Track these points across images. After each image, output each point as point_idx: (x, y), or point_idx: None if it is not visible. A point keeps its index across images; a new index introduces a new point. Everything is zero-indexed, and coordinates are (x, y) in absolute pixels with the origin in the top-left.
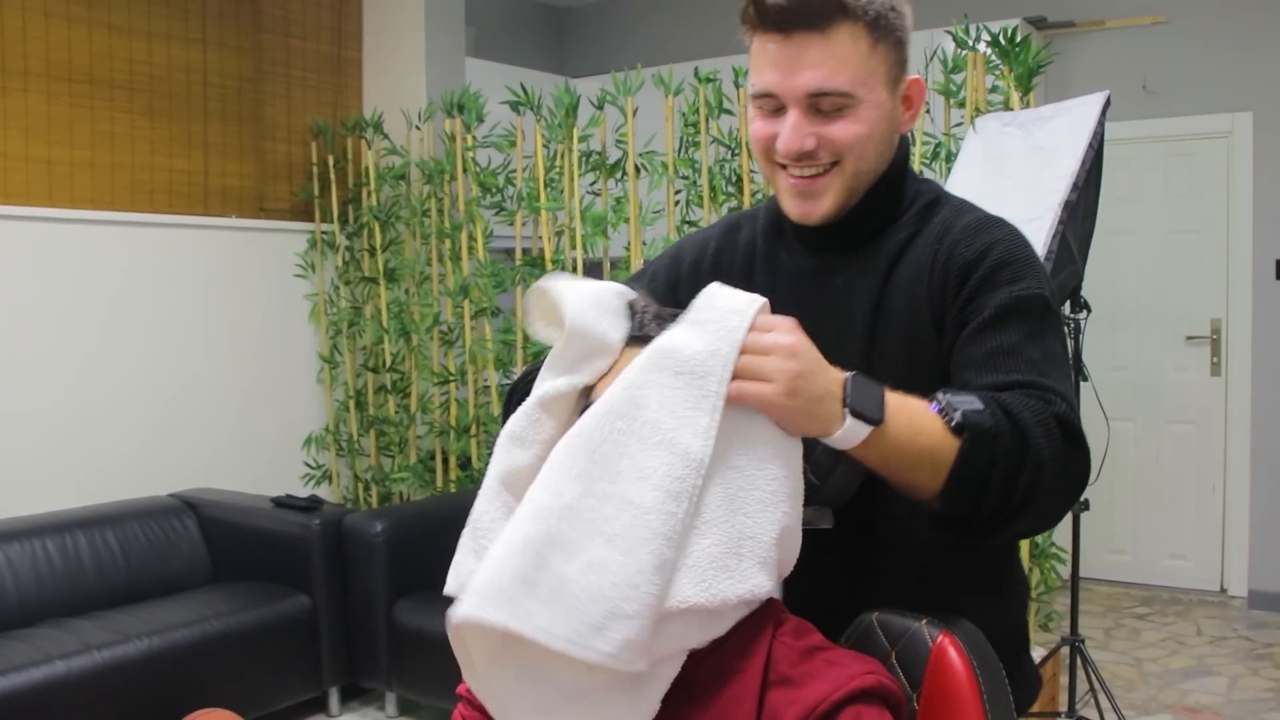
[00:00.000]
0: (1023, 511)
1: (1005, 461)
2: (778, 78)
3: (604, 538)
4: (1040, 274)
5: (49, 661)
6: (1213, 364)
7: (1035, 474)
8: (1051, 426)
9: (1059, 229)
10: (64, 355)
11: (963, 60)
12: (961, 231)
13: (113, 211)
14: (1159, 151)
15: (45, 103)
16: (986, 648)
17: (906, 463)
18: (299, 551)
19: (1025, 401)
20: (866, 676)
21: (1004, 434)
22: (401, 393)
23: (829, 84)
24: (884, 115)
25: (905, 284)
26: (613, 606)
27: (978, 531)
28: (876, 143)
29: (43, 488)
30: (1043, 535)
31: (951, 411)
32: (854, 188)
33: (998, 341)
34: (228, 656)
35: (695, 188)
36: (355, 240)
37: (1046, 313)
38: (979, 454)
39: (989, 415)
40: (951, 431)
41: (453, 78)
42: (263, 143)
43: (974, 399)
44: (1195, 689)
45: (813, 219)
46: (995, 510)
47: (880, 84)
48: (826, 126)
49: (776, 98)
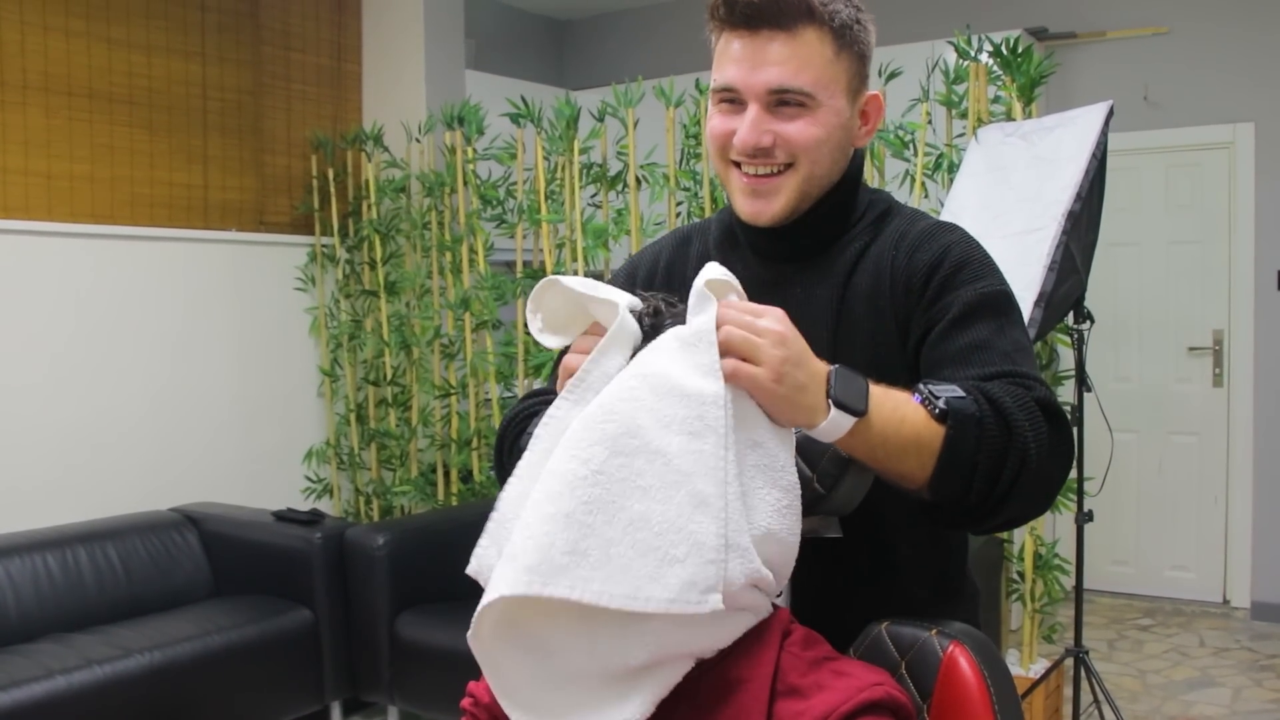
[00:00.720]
0: (1011, 496)
1: (991, 446)
2: (741, 73)
3: (639, 492)
4: (997, 272)
5: (50, 677)
6: (1215, 375)
7: (1021, 457)
8: (1034, 410)
9: (1062, 239)
10: (64, 370)
11: (965, 71)
12: (917, 237)
13: (113, 225)
14: (1160, 162)
15: (44, 116)
16: (997, 656)
17: (893, 452)
18: (300, 565)
19: (1006, 388)
20: (875, 688)
21: (988, 419)
22: (402, 406)
23: (791, 82)
24: (841, 123)
25: (864, 292)
26: (661, 555)
27: (967, 518)
28: (831, 149)
29: (43, 502)
30: (1046, 547)
31: (934, 400)
32: (807, 191)
33: (969, 338)
34: (229, 671)
35: (696, 199)
36: (355, 253)
37: (1010, 307)
38: (965, 439)
39: (972, 402)
40: (935, 419)
41: (453, 90)
42: (262, 156)
43: (955, 388)
44: (1199, 700)
45: (764, 219)
46: (984, 496)
47: (840, 91)
48: (784, 125)
49: (737, 92)
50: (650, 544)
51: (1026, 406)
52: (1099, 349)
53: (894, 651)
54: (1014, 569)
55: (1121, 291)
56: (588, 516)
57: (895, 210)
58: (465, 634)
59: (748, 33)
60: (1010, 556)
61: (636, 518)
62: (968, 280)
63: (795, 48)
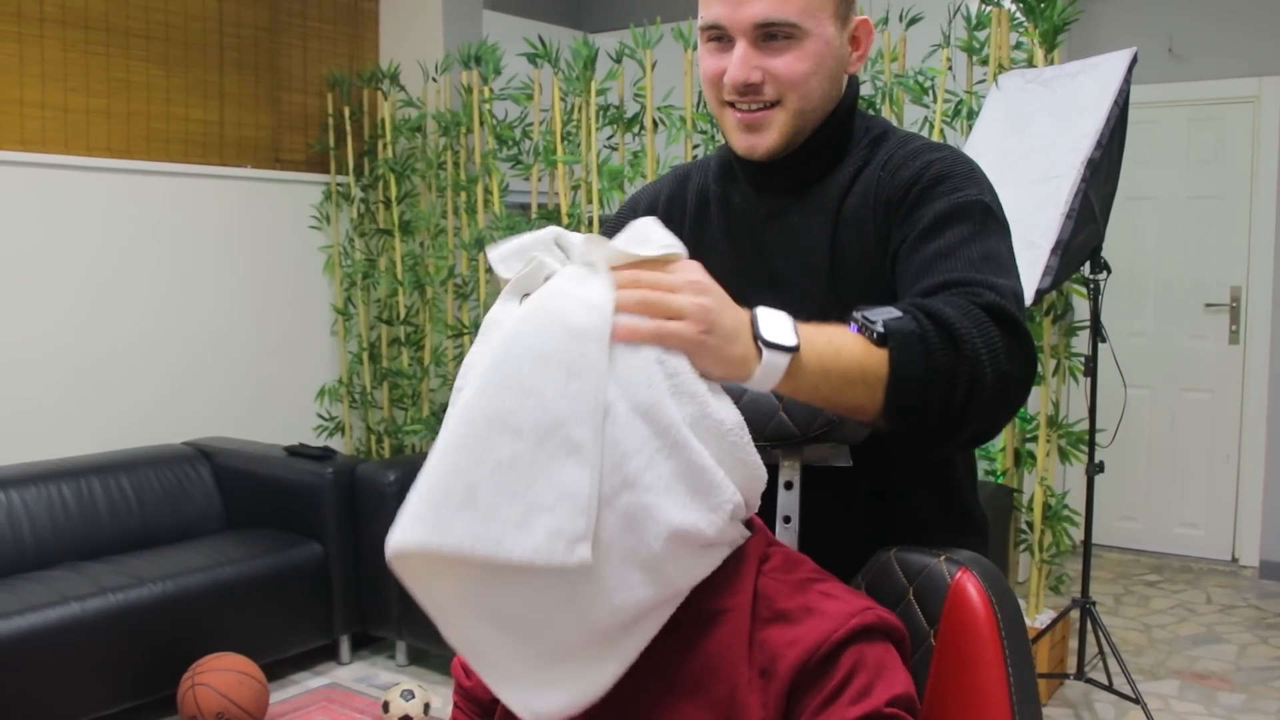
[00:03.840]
0: (969, 411)
1: (939, 362)
2: (726, 10)
3: (510, 432)
4: (983, 186)
5: (65, 602)
6: (1231, 332)
7: (973, 369)
8: (981, 318)
9: (1082, 186)
10: (80, 303)
11: (987, 17)
12: (904, 156)
13: (129, 160)
14: (1182, 116)
15: (62, 50)
16: (1004, 583)
17: (837, 385)
18: (312, 500)
19: (948, 299)
20: (867, 613)
21: (930, 335)
22: (415, 345)
23: (776, 14)
24: (831, 51)
25: (853, 216)
26: (529, 502)
27: (930, 440)
28: (822, 80)
29: (59, 434)
30: (1056, 498)
31: (870, 325)
32: (800, 125)
33: (934, 247)
34: (240, 602)
35: (713, 142)
36: (370, 192)
37: (988, 217)
38: (909, 359)
39: (910, 320)
40: (876, 344)
41: (470, 30)
42: (278, 93)
43: (891, 309)
44: (1204, 656)
45: (759, 152)
46: (941, 414)
47: (828, 18)
48: (773, 60)
49: (724, 29)
50: (517, 489)
51: (972, 315)
52: (1114, 303)
53: (902, 577)
54: (1023, 519)
55: (1139, 246)
56: (455, 456)
57: (890, 134)
58: None
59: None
60: (1019, 506)
61: (504, 460)
62: (945, 192)
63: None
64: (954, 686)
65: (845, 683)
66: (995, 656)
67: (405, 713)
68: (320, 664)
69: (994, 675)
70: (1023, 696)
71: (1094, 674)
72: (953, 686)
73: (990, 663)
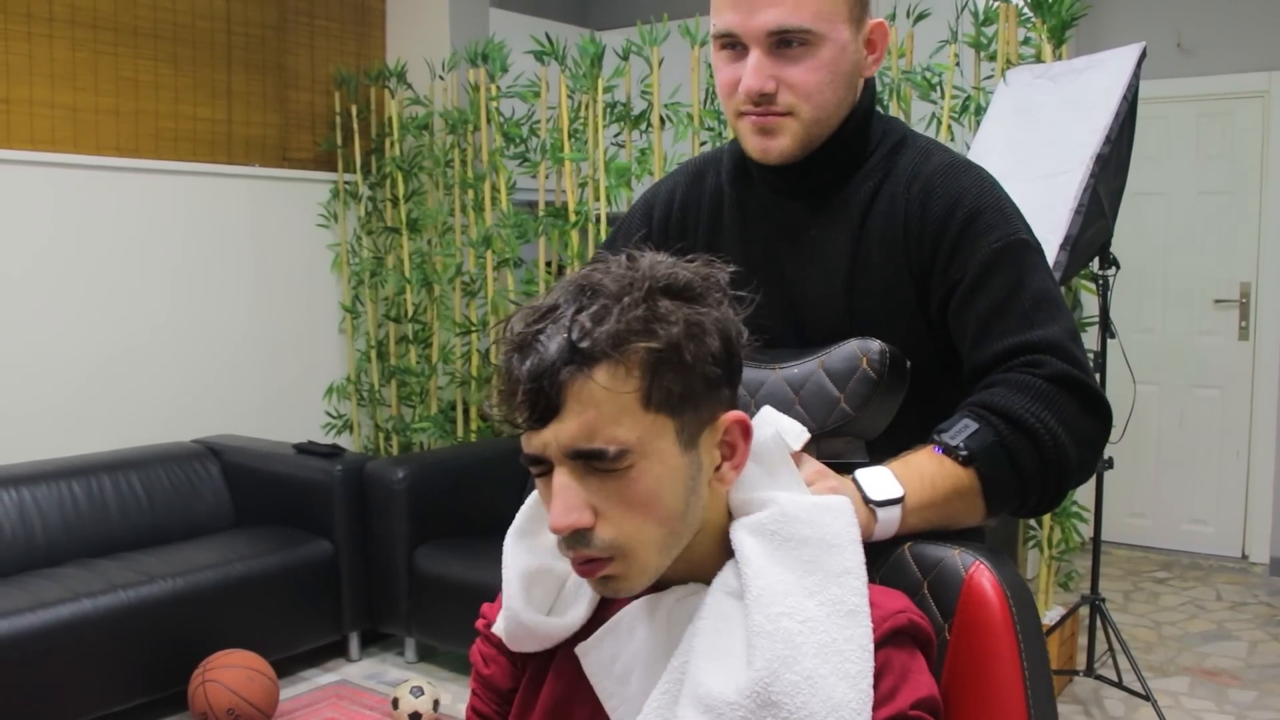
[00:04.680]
0: (1065, 485)
1: (1026, 462)
2: (738, 17)
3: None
4: (1011, 215)
5: (76, 599)
6: (1241, 328)
7: (1056, 450)
8: (1049, 393)
9: (1090, 182)
10: (89, 302)
11: (994, 12)
12: (929, 179)
13: (137, 159)
14: (1191, 111)
15: (70, 49)
16: (1018, 577)
17: (941, 512)
18: (321, 497)
19: (1014, 385)
20: (899, 616)
21: (1009, 440)
22: (423, 343)
23: (790, 20)
24: (846, 56)
25: (878, 236)
26: None
27: (1040, 511)
28: (837, 88)
29: (69, 432)
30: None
31: (955, 451)
32: (814, 133)
33: (986, 303)
34: (250, 599)
35: (721, 139)
36: (378, 190)
37: (1026, 254)
38: (998, 473)
39: (988, 432)
40: (963, 465)
41: (477, 28)
42: (286, 92)
43: (965, 422)
44: (1214, 653)
45: (772, 156)
46: (1040, 497)
47: (842, 21)
48: (787, 69)
49: (737, 37)
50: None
51: (1042, 395)
52: (1123, 299)
53: (916, 571)
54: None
55: (1147, 242)
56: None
57: (909, 142)
58: (481, 568)
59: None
60: None
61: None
62: (981, 232)
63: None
64: (968, 680)
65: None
66: (1010, 650)
67: (414, 709)
68: (329, 661)
69: (1009, 669)
70: (1037, 690)
71: (1104, 670)
72: (967, 680)
73: (1005, 656)
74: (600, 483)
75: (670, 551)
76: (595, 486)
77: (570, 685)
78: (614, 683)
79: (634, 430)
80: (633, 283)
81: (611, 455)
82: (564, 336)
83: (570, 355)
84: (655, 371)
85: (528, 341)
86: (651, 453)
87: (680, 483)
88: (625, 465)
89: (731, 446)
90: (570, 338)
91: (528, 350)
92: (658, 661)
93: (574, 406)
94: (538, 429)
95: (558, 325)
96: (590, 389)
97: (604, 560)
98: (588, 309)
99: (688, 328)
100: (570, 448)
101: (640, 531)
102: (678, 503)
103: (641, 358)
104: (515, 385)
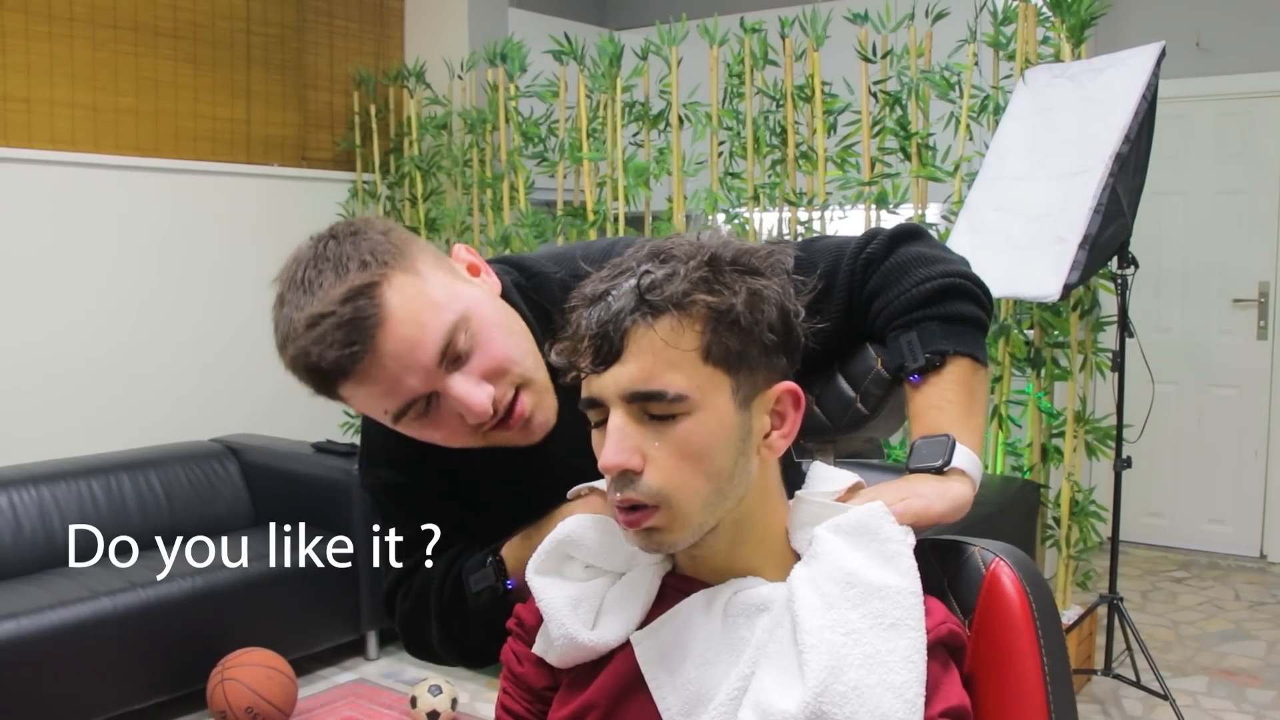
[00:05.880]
0: (969, 275)
1: (952, 308)
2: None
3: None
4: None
5: (95, 598)
6: (1259, 328)
7: (957, 270)
8: (886, 252)
9: (1109, 181)
10: (109, 301)
11: (1013, 11)
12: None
13: (157, 158)
14: (1211, 110)
15: (90, 49)
16: (1038, 574)
17: (976, 405)
18: (339, 496)
19: (875, 285)
20: (941, 627)
21: (931, 313)
22: None
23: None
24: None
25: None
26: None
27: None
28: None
29: (89, 431)
30: (1083, 493)
31: (928, 365)
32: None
33: (826, 291)
34: (268, 598)
35: (739, 139)
36: (396, 190)
37: (801, 249)
38: (960, 338)
39: (918, 328)
40: (941, 367)
41: (495, 27)
42: (305, 91)
43: (903, 341)
44: (1232, 652)
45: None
46: (985, 296)
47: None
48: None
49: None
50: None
51: (891, 263)
52: (1141, 299)
53: (936, 567)
54: (1050, 515)
55: (1166, 241)
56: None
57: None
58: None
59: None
60: (1046, 502)
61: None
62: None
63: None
64: (989, 676)
65: None
66: (1030, 646)
67: (433, 707)
68: (348, 659)
69: (1029, 665)
70: (1057, 686)
71: (1122, 670)
72: (987, 676)
73: (1025, 652)
74: (654, 430)
75: (714, 511)
76: (649, 433)
77: (622, 679)
78: (664, 673)
79: (692, 380)
80: (700, 249)
81: (670, 397)
82: (633, 286)
83: (636, 305)
84: (715, 329)
85: (599, 296)
86: (707, 405)
87: (731, 441)
88: (682, 411)
89: (782, 416)
90: (638, 288)
91: (597, 303)
92: (709, 654)
93: (635, 352)
94: (599, 372)
95: (629, 282)
96: (651, 338)
97: (649, 510)
98: (657, 270)
99: (749, 295)
100: (629, 390)
101: (688, 484)
102: (726, 460)
103: (704, 314)
104: (583, 334)
